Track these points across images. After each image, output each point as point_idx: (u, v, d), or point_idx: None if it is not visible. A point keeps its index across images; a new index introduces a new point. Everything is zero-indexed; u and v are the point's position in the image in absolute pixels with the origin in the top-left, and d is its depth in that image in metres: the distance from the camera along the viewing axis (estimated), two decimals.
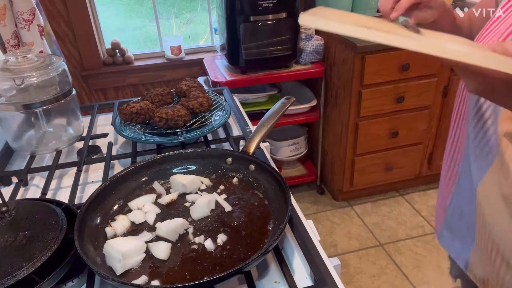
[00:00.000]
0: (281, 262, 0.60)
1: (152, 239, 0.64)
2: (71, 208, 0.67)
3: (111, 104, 1.17)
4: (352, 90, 1.89)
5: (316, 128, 2.35)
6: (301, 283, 0.57)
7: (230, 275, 0.52)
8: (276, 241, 0.56)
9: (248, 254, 0.60)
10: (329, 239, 2.04)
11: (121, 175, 0.73)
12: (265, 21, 1.81)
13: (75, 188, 0.78)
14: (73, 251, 0.57)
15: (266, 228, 0.65)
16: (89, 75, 2.17)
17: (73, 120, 0.98)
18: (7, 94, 0.87)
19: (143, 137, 0.91)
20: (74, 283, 0.60)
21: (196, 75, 2.25)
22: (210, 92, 1.08)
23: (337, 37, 1.93)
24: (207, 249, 0.61)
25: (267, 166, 0.73)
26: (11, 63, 0.85)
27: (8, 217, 0.61)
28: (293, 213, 0.68)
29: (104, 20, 2.21)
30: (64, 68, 0.92)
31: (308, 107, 2.14)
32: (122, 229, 0.65)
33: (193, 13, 2.52)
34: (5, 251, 0.55)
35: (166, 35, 2.35)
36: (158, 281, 0.56)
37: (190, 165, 0.80)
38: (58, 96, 0.89)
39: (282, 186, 0.67)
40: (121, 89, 2.27)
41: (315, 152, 2.41)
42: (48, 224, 0.60)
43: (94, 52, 2.13)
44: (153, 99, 0.98)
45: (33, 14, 1.45)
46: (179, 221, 0.65)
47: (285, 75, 1.97)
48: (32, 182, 0.88)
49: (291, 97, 0.84)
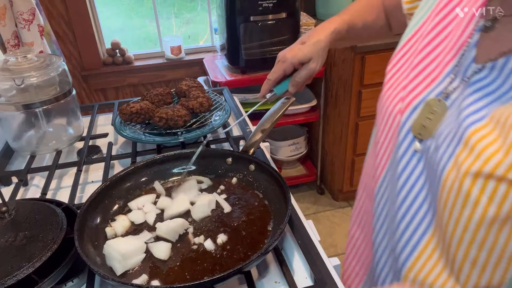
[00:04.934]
0: (281, 262, 0.60)
1: (152, 239, 0.64)
2: (71, 208, 0.67)
3: (111, 104, 1.17)
4: (352, 90, 1.90)
5: (316, 128, 2.35)
6: (301, 283, 0.57)
7: (230, 275, 0.52)
8: (276, 241, 0.56)
9: (248, 254, 0.60)
10: (329, 239, 2.04)
11: (121, 175, 0.73)
12: (265, 21, 1.81)
13: (75, 188, 0.78)
14: (73, 251, 0.57)
15: (266, 228, 0.65)
16: (89, 75, 2.17)
17: (73, 120, 0.98)
18: (7, 94, 0.86)
19: (143, 137, 0.91)
20: (74, 283, 0.60)
21: (196, 75, 2.25)
22: (210, 92, 1.08)
23: None
24: (207, 249, 0.61)
25: (267, 166, 0.73)
26: (11, 63, 0.85)
27: (8, 217, 0.61)
28: (293, 213, 0.68)
29: (104, 20, 2.21)
30: (64, 68, 0.92)
31: (308, 107, 2.14)
32: (122, 229, 0.65)
33: (193, 13, 2.52)
34: (5, 251, 0.55)
35: (166, 35, 2.35)
36: (158, 281, 0.56)
37: (190, 165, 0.80)
38: (58, 96, 0.89)
39: (282, 186, 0.67)
40: (121, 89, 2.27)
41: (315, 152, 2.41)
42: (48, 224, 0.60)
43: (94, 52, 2.13)
44: (153, 99, 0.98)
45: (33, 14, 1.45)
46: (179, 221, 0.65)
47: None
48: (32, 182, 0.88)
49: (291, 97, 0.84)
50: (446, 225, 0.48)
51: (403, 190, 0.55)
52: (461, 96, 0.50)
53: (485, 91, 0.47)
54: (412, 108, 0.55)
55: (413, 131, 0.55)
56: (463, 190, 0.44)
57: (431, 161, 0.51)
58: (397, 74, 0.62)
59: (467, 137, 0.45)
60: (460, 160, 0.45)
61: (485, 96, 0.47)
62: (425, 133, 0.53)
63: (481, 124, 0.45)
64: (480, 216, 0.43)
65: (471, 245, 0.46)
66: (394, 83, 0.61)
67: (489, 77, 0.47)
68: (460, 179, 0.44)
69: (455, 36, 0.54)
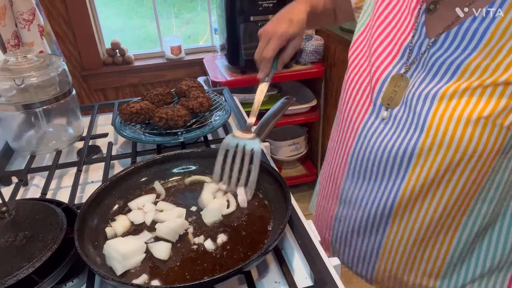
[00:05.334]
0: (281, 262, 0.60)
1: (152, 239, 0.64)
2: (71, 208, 0.67)
3: (111, 104, 1.17)
4: None
5: (316, 128, 2.35)
6: (301, 283, 0.57)
7: (230, 275, 0.52)
8: (276, 241, 0.56)
9: (248, 254, 0.60)
10: None
11: (121, 175, 0.73)
12: (265, 21, 1.81)
13: (75, 188, 0.78)
14: (73, 251, 0.57)
15: (266, 228, 0.65)
16: (89, 75, 2.17)
17: (73, 120, 0.98)
18: (7, 94, 0.86)
19: (143, 137, 0.91)
20: (74, 283, 0.60)
21: (196, 75, 2.25)
22: (210, 92, 1.08)
23: (337, 37, 1.93)
24: (207, 249, 0.61)
25: (267, 166, 0.73)
26: (11, 63, 0.85)
27: (8, 217, 0.61)
28: (293, 213, 0.68)
29: (104, 20, 2.21)
30: (64, 68, 0.92)
31: (308, 107, 2.14)
32: (122, 229, 0.65)
33: (193, 13, 2.52)
34: (5, 251, 0.55)
35: (166, 35, 2.35)
36: (158, 281, 0.56)
37: (190, 165, 0.80)
38: (58, 96, 0.89)
39: (282, 186, 0.67)
40: (121, 89, 2.27)
41: (315, 152, 2.41)
42: (48, 224, 0.60)
43: (94, 52, 2.13)
44: (153, 99, 0.98)
45: (33, 14, 1.45)
46: (179, 221, 0.65)
47: (285, 75, 1.97)
48: (32, 182, 0.88)
49: (291, 97, 0.84)
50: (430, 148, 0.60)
51: (386, 148, 0.65)
52: (421, 68, 0.62)
53: (441, 59, 0.59)
54: (381, 82, 0.66)
55: (382, 101, 0.66)
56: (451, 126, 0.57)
57: (406, 121, 0.62)
58: (358, 58, 0.73)
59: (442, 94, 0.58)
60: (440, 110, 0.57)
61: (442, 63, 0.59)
62: (392, 102, 0.65)
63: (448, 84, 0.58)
64: (466, 116, 0.56)
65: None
66: (357, 65, 0.73)
67: (442, 48, 0.59)
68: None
69: (405, 20, 0.66)
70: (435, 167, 0.60)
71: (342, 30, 1.94)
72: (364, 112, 0.69)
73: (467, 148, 0.56)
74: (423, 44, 0.63)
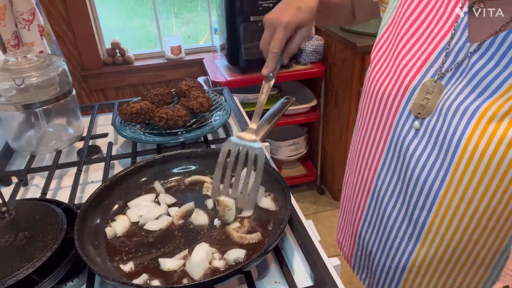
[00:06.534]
0: (281, 262, 0.60)
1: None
2: (71, 208, 0.67)
3: (111, 104, 1.17)
4: (352, 90, 1.89)
5: (316, 128, 2.35)
6: (301, 283, 0.57)
7: (230, 275, 0.52)
8: (276, 241, 0.56)
9: (248, 254, 0.60)
10: (329, 239, 2.04)
11: (121, 175, 0.73)
12: None
13: (75, 188, 0.78)
14: (73, 251, 0.57)
15: (266, 228, 0.65)
16: (89, 75, 2.17)
17: (73, 120, 0.98)
18: (7, 94, 0.86)
19: (143, 137, 0.91)
20: (74, 283, 0.60)
21: (196, 75, 2.25)
22: (210, 92, 1.08)
23: (337, 37, 1.93)
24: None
25: (267, 166, 0.73)
26: (11, 63, 0.85)
27: (8, 217, 0.61)
28: (293, 213, 0.68)
29: (104, 20, 2.21)
30: (64, 68, 0.92)
31: (308, 107, 2.14)
32: (122, 229, 0.65)
33: (193, 13, 2.52)
34: (5, 251, 0.55)
35: (166, 35, 2.35)
36: (158, 281, 0.56)
37: (190, 165, 0.80)
38: (58, 96, 0.89)
39: (282, 186, 0.67)
40: (121, 89, 2.27)
41: (315, 152, 2.41)
42: (48, 224, 0.60)
43: (94, 52, 2.13)
44: (153, 99, 0.98)
45: (33, 14, 1.45)
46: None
47: (285, 75, 1.97)
48: (32, 182, 0.88)
49: (291, 97, 0.84)
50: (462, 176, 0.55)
51: (418, 162, 0.59)
52: (459, 76, 0.55)
53: (483, 72, 0.52)
54: (411, 90, 0.59)
55: (412, 111, 0.59)
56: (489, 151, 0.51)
57: (438, 134, 0.56)
58: (382, 59, 0.65)
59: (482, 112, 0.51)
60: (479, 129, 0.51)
61: (484, 76, 0.51)
62: (424, 112, 0.58)
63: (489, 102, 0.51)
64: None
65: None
66: (382, 67, 0.65)
67: (486, 56, 0.51)
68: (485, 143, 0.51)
69: (440, 20, 0.58)
70: (473, 186, 0.55)
71: (342, 30, 1.94)
72: (391, 119, 0.63)
73: (505, 173, 0.51)
74: (463, 49, 0.54)
